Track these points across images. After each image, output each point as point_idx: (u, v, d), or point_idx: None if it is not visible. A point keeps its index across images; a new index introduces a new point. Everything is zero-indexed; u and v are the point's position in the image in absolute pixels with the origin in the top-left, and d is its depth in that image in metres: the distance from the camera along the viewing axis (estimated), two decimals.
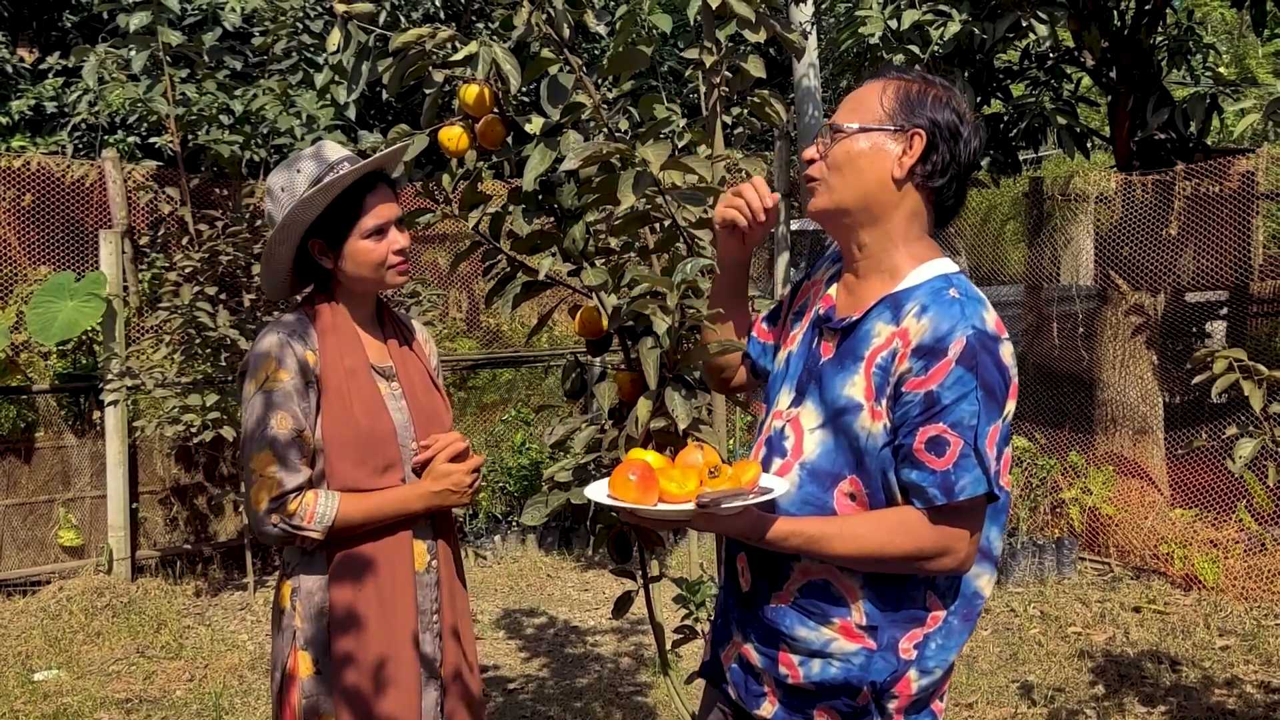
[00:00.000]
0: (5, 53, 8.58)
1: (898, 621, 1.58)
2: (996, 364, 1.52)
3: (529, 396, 7.39)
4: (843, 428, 1.59)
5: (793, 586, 1.63)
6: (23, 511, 5.76)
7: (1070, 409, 6.33)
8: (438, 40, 2.22)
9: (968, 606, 1.63)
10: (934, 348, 1.51)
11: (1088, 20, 5.86)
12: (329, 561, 2.00)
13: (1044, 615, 5.05)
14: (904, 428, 1.53)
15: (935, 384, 1.50)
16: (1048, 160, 13.04)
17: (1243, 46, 14.01)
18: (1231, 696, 4.05)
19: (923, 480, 1.52)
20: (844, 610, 1.59)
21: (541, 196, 2.32)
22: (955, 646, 1.62)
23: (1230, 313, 7.02)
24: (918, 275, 1.60)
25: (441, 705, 2.08)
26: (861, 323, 1.62)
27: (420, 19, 9.45)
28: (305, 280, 2.12)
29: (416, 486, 2.04)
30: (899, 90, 1.61)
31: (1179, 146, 6.15)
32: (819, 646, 1.60)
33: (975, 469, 1.50)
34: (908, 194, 1.61)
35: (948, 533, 1.53)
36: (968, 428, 1.50)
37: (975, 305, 1.55)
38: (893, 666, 1.58)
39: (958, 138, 1.60)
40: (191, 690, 4.36)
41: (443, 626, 2.10)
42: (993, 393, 1.51)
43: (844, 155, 1.62)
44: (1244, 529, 5.43)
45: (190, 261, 5.51)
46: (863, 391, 1.58)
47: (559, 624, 5.20)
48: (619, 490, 1.55)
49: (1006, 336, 1.56)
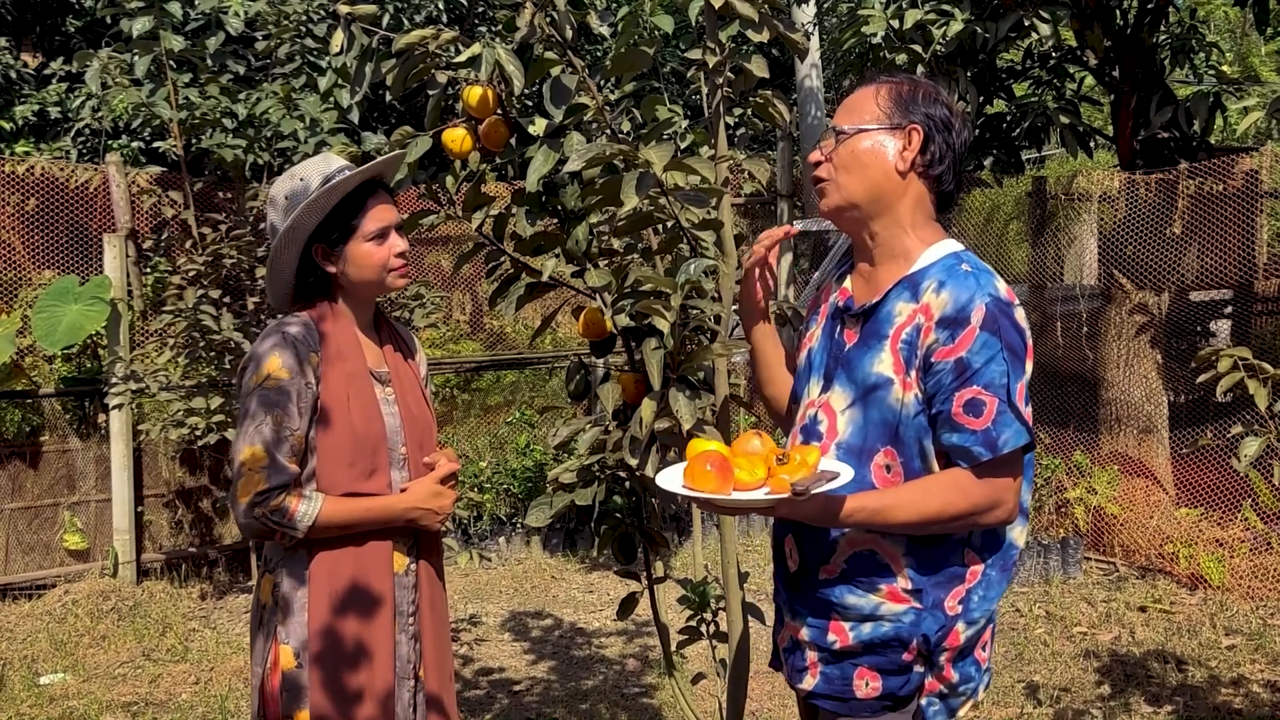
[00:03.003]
0: (9, 58, 8.59)
1: (941, 583, 1.70)
2: (1015, 326, 1.66)
3: (533, 398, 7.39)
4: (874, 403, 1.71)
5: (839, 559, 1.74)
6: (28, 515, 5.77)
7: (1075, 408, 6.31)
8: (441, 42, 2.22)
9: (1004, 558, 1.75)
10: (957, 317, 1.64)
11: (1090, 19, 5.85)
12: (310, 559, 2.03)
13: (1049, 615, 5.04)
14: (939, 395, 1.65)
15: (964, 350, 1.64)
16: (1051, 160, 13.03)
17: (1246, 45, 13.99)
18: (1238, 696, 4.04)
19: (965, 441, 1.64)
20: (890, 577, 1.71)
21: (545, 198, 2.32)
22: (996, 596, 1.74)
23: (1235, 311, 7.00)
24: (929, 256, 1.75)
25: (415, 705, 2.12)
26: (881, 305, 1.75)
27: (423, 21, 9.46)
28: (306, 289, 2.15)
29: (402, 499, 2.09)
30: (891, 91, 1.77)
31: (1182, 145, 6.14)
32: (869, 611, 1.72)
33: (1014, 422, 1.63)
34: (911, 183, 1.76)
35: (996, 484, 1.65)
36: (1000, 386, 1.63)
37: (987, 276, 1.70)
38: (941, 621, 1.70)
39: (950, 129, 1.76)
40: (197, 693, 4.37)
41: (420, 628, 2.14)
42: (1015, 352, 1.65)
43: (849, 155, 1.76)
44: (1249, 528, 5.42)
45: (194, 265, 5.51)
46: (891, 367, 1.70)
47: (564, 626, 5.20)
48: (697, 481, 1.60)
49: (1018, 303, 1.70)
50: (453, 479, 2.16)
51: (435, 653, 2.16)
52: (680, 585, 2.68)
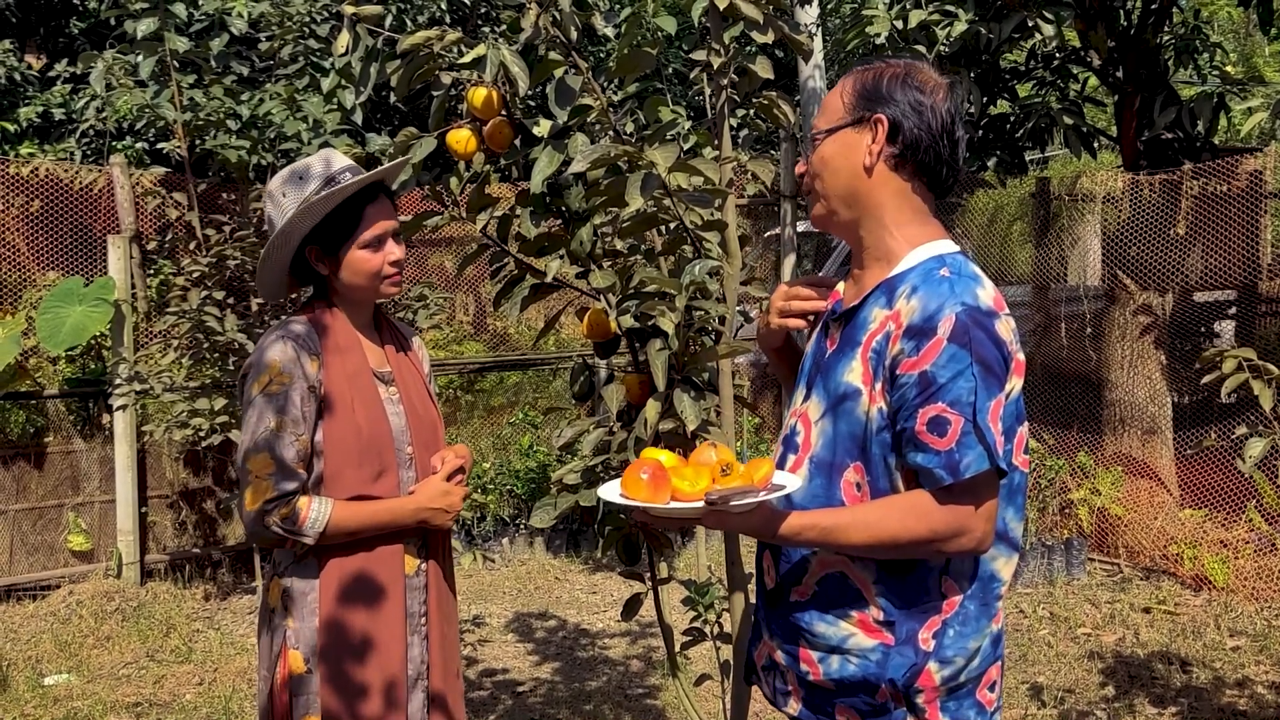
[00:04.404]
0: (13, 60, 8.61)
1: (914, 613, 1.58)
2: (992, 339, 1.52)
3: (537, 399, 7.39)
4: (843, 415, 1.60)
5: (811, 580, 1.64)
6: (32, 516, 5.78)
7: (1078, 409, 6.31)
8: (445, 43, 2.22)
9: (984, 591, 1.62)
10: (923, 328, 1.51)
11: (1094, 20, 5.85)
12: (320, 563, 2.02)
13: (1053, 616, 5.03)
14: (903, 411, 1.53)
15: (929, 364, 1.50)
16: (1054, 160, 13.02)
17: (1250, 45, 13.97)
18: (1243, 697, 4.04)
19: (928, 462, 1.51)
20: (862, 605, 1.60)
21: (549, 199, 2.32)
22: (974, 633, 1.60)
23: (1239, 312, 6.99)
24: (913, 258, 1.62)
25: (428, 708, 2.11)
26: (859, 309, 1.64)
27: (425, 22, 9.47)
28: (303, 283, 2.14)
29: (411, 501, 2.07)
30: (854, 83, 1.65)
31: (1186, 146, 6.14)
32: (837, 642, 1.61)
33: (977, 446, 1.49)
34: (887, 178, 1.63)
35: (959, 512, 1.52)
36: (966, 404, 1.49)
37: (967, 282, 1.55)
38: (910, 661, 1.57)
39: (920, 110, 1.61)
40: (201, 694, 4.37)
41: (430, 630, 2.13)
42: (990, 368, 1.51)
43: (820, 161, 1.67)
44: (1254, 529, 5.41)
45: (198, 266, 5.52)
46: (861, 376, 1.59)
47: (568, 627, 5.19)
48: (631, 489, 1.54)
49: (1006, 312, 1.56)
50: (460, 474, 2.14)
51: (444, 654, 2.15)
52: (684, 586, 2.68)
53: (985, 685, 1.65)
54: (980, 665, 1.62)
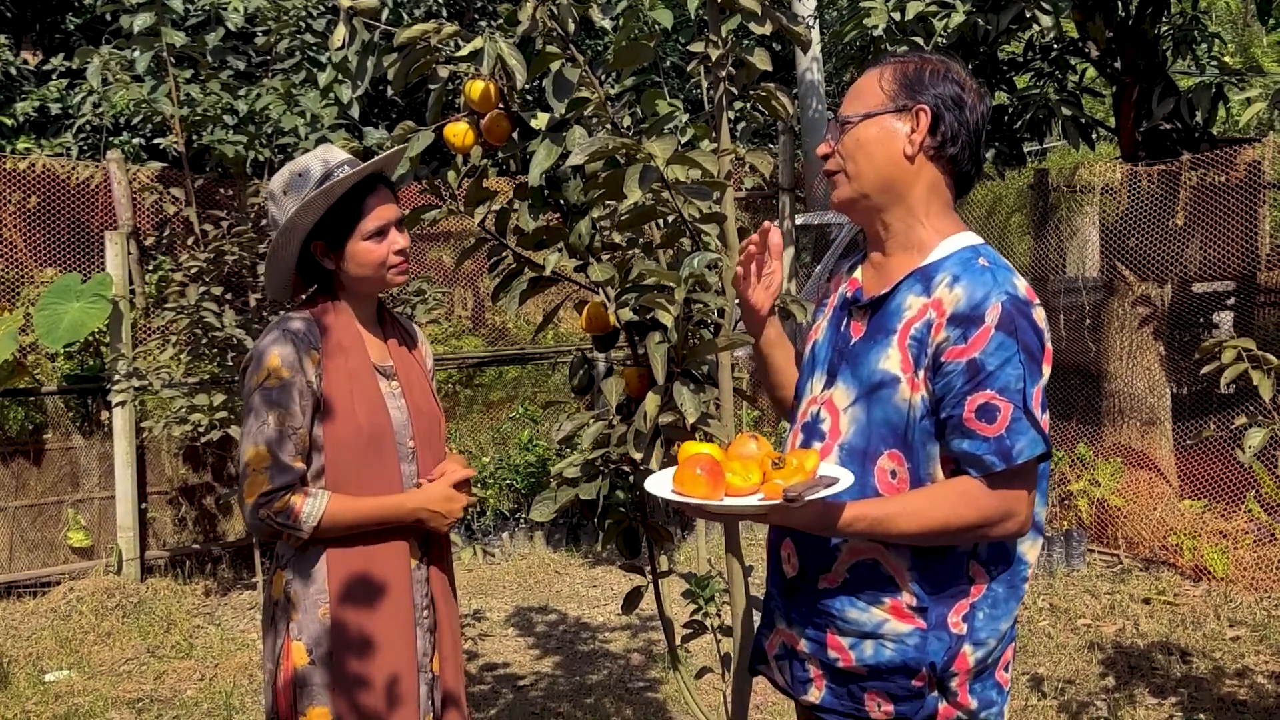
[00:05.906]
0: (9, 55, 8.59)
1: (943, 598, 1.61)
2: (1033, 327, 1.56)
3: (536, 393, 7.39)
4: (878, 402, 1.61)
5: (841, 567, 1.65)
6: (32, 513, 5.78)
7: (1077, 401, 6.31)
8: (442, 36, 2.22)
9: (1012, 574, 1.65)
10: (971, 315, 1.54)
11: (1092, 11, 5.84)
12: (324, 555, 2.02)
13: (1053, 607, 5.04)
14: (949, 398, 1.55)
15: (977, 351, 1.53)
16: (1053, 152, 13.01)
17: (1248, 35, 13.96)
18: (1243, 687, 4.04)
19: (976, 449, 1.54)
20: (894, 591, 1.61)
21: (547, 192, 2.31)
22: (1004, 615, 1.64)
23: (1238, 303, 6.99)
24: (945, 248, 1.64)
25: (434, 701, 2.11)
26: (891, 297, 1.65)
27: (422, 15, 9.44)
28: (309, 282, 2.15)
29: (411, 498, 2.07)
30: (896, 72, 1.66)
31: (1184, 137, 6.13)
32: (871, 628, 1.62)
33: (1030, 431, 1.53)
34: (923, 168, 1.65)
35: (1008, 496, 1.55)
36: (1015, 391, 1.53)
37: (1005, 273, 1.59)
38: (946, 644, 1.60)
39: (962, 105, 1.64)
40: (202, 689, 4.37)
41: (435, 621, 2.14)
42: (1033, 355, 1.55)
43: (855, 144, 1.66)
44: (1253, 519, 5.42)
45: (196, 262, 5.51)
46: (899, 364, 1.60)
47: (569, 620, 5.20)
48: (687, 486, 1.52)
49: (1038, 302, 1.60)
50: (466, 485, 2.15)
51: (448, 645, 2.16)
52: (684, 579, 2.68)
53: (1002, 666, 1.69)
54: (1002, 647, 1.66)
